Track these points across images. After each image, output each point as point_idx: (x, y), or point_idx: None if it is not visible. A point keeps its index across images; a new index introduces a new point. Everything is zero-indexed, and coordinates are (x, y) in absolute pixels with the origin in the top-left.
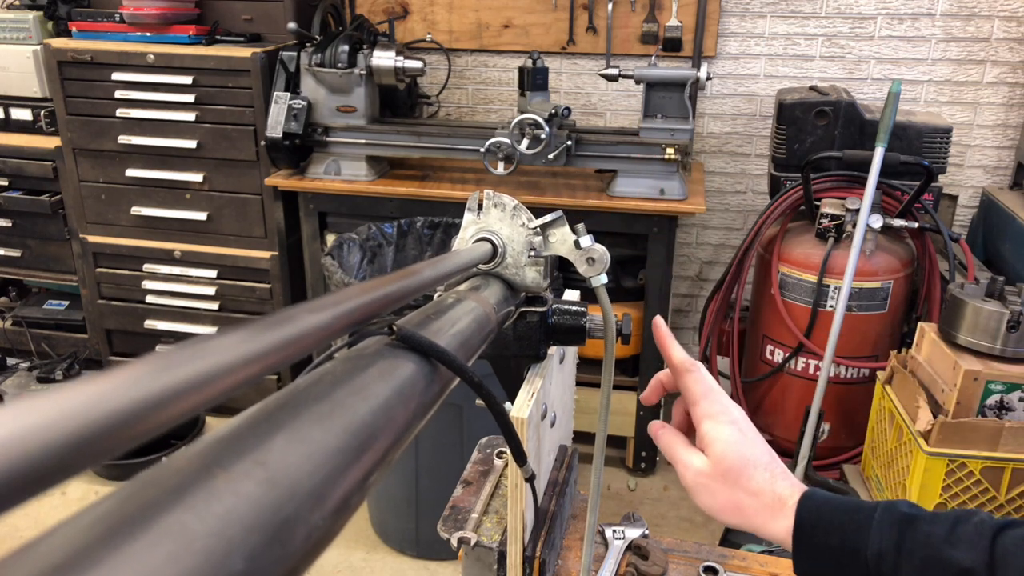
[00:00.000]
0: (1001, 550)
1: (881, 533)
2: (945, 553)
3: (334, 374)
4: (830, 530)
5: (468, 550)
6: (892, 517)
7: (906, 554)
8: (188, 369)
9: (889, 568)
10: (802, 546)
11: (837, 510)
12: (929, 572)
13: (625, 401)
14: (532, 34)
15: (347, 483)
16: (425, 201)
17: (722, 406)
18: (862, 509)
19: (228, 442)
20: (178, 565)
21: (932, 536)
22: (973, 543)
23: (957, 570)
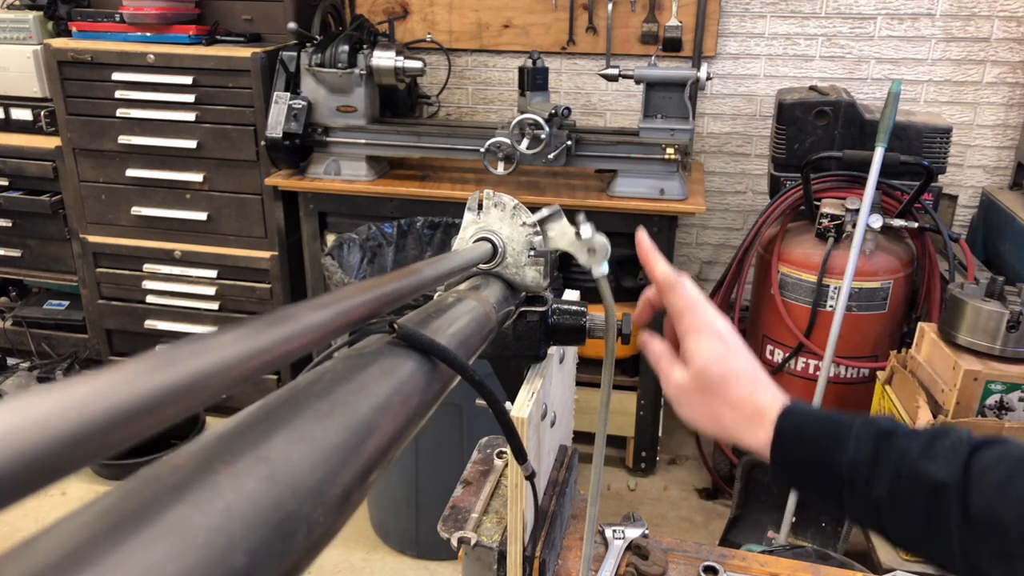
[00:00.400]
0: (977, 467)
1: (857, 446)
2: (920, 467)
3: (335, 372)
4: (807, 443)
5: (468, 550)
6: (869, 431)
7: (880, 467)
8: (187, 367)
9: (862, 480)
10: (779, 459)
11: (816, 424)
12: (902, 485)
13: (625, 401)
14: (532, 34)
15: (348, 480)
16: (425, 201)
17: (706, 320)
18: (841, 423)
19: (229, 439)
20: (180, 560)
21: (908, 451)
22: (948, 459)
23: (930, 484)
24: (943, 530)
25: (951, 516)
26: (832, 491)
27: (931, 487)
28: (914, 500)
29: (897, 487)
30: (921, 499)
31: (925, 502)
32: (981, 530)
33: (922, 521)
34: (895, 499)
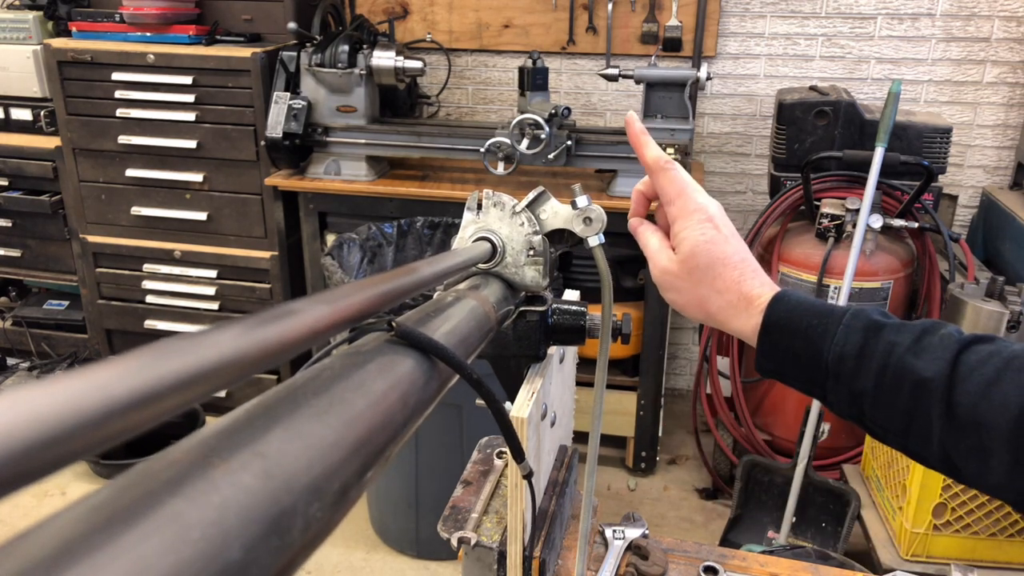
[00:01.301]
0: (964, 365)
1: (846, 337)
2: (906, 361)
3: (333, 369)
4: (795, 332)
5: (468, 550)
6: (859, 323)
7: (866, 359)
8: (184, 361)
9: (848, 372)
10: (766, 347)
11: (805, 314)
12: (887, 379)
13: (625, 401)
14: (532, 34)
15: (345, 477)
16: (425, 201)
17: (696, 204)
18: (831, 314)
19: (226, 434)
20: (175, 554)
21: (896, 344)
22: (936, 354)
23: (916, 379)
24: (924, 425)
25: (933, 412)
26: (816, 382)
27: (916, 382)
28: (898, 394)
29: (882, 381)
30: (905, 394)
31: (909, 397)
32: (962, 427)
33: (904, 415)
34: (879, 393)
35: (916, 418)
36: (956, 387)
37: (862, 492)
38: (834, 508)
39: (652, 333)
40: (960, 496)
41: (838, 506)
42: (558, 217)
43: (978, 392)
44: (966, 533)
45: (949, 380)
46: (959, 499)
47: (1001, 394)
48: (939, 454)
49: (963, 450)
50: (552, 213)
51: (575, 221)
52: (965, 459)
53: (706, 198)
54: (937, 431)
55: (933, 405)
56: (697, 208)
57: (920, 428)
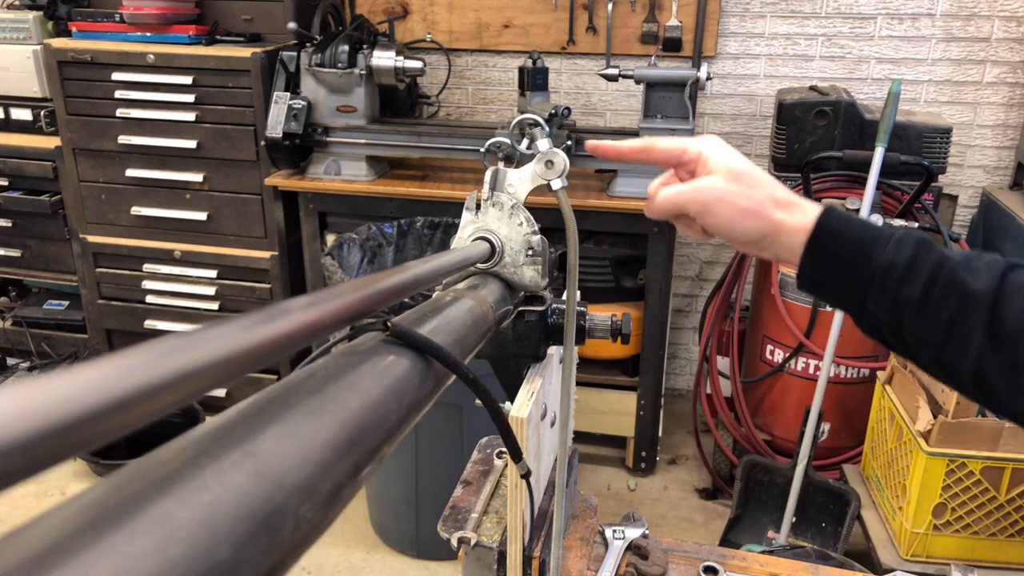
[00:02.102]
0: (1011, 282)
1: (898, 248)
2: (957, 274)
3: (327, 369)
4: (847, 239)
5: (468, 550)
6: (911, 238)
7: (916, 270)
8: (180, 359)
9: (895, 280)
10: (816, 250)
11: (857, 225)
12: (935, 289)
13: (625, 401)
14: (532, 34)
15: (337, 476)
16: (425, 201)
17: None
18: (883, 229)
19: (218, 434)
20: (163, 553)
21: (946, 258)
22: (984, 272)
23: (963, 291)
24: (964, 337)
25: (976, 324)
26: (858, 289)
27: (964, 293)
28: (944, 305)
29: (930, 290)
30: (951, 304)
31: (955, 308)
32: (1003, 340)
33: (946, 326)
34: (924, 301)
35: (958, 329)
36: (1002, 302)
37: (862, 492)
38: (834, 508)
39: (652, 333)
40: (960, 496)
41: (838, 506)
42: (524, 180)
43: (1021, 309)
44: (966, 533)
45: (996, 294)
46: (959, 499)
47: None
48: (973, 368)
49: (998, 364)
50: (518, 180)
51: (538, 168)
52: (999, 374)
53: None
54: (976, 344)
55: (978, 317)
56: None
57: (959, 340)
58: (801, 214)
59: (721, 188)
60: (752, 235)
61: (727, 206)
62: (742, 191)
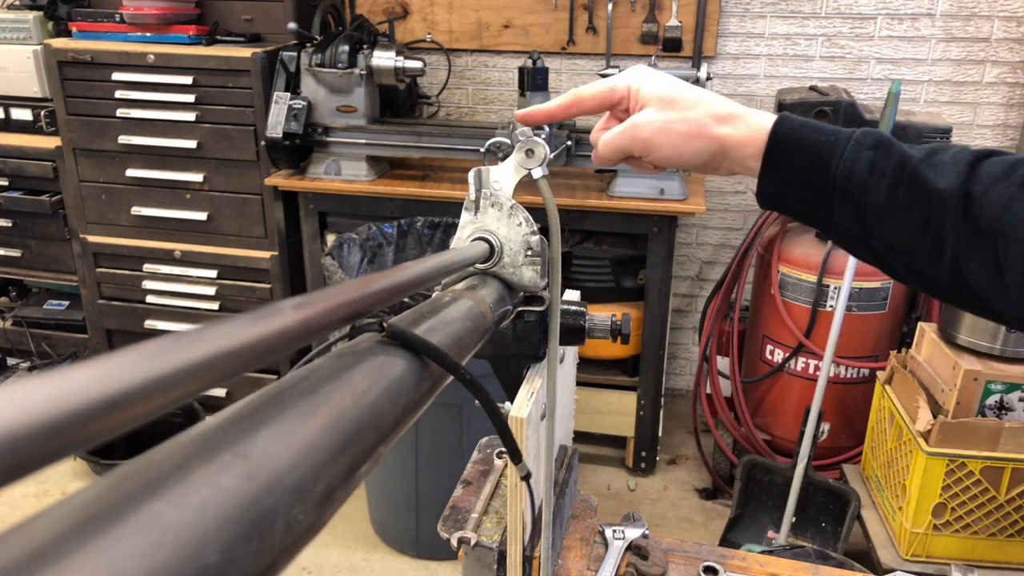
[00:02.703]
0: (983, 176)
1: (856, 153)
2: (920, 172)
3: (322, 370)
4: (802, 149)
5: (468, 550)
6: (869, 139)
7: (878, 173)
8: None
9: (857, 187)
10: (772, 164)
11: (812, 131)
12: (899, 192)
13: (625, 401)
14: (532, 34)
15: (330, 478)
16: (425, 201)
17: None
18: (838, 132)
19: (210, 436)
20: (151, 556)
21: (907, 157)
22: (950, 168)
23: (930, 189)
24: (938, 236)
25: (947, 223)
26: (821, 201)
27: (930, 193)
28: (912, 206)
29: (894, 193)
30: (919, 205)
31: (923, 207)
32: (980, 237)
33: (916, 229)
34: (891, 205)
35: (928, 232)
36: (975, 198)
37: (862, 492)
38: (834, 508)
39: (652, 333)
40: (960, 496)
41: (838, 506)
42: (508, 173)
43: (1001, 203)
44: (966, 533)
45: (966, 191)
46: (959, 499)
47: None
48: (949, 268)
49: (977, 263)
50: (501, 175)
51: (519, 158)
52: (978, 272)
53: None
54: (951, 243)
55: (947, 216)
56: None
57: (931, 244)
58: (745, 125)
59: (656, 119)
60: (700, 156)
61: (667, 135)
62: (678, 116)
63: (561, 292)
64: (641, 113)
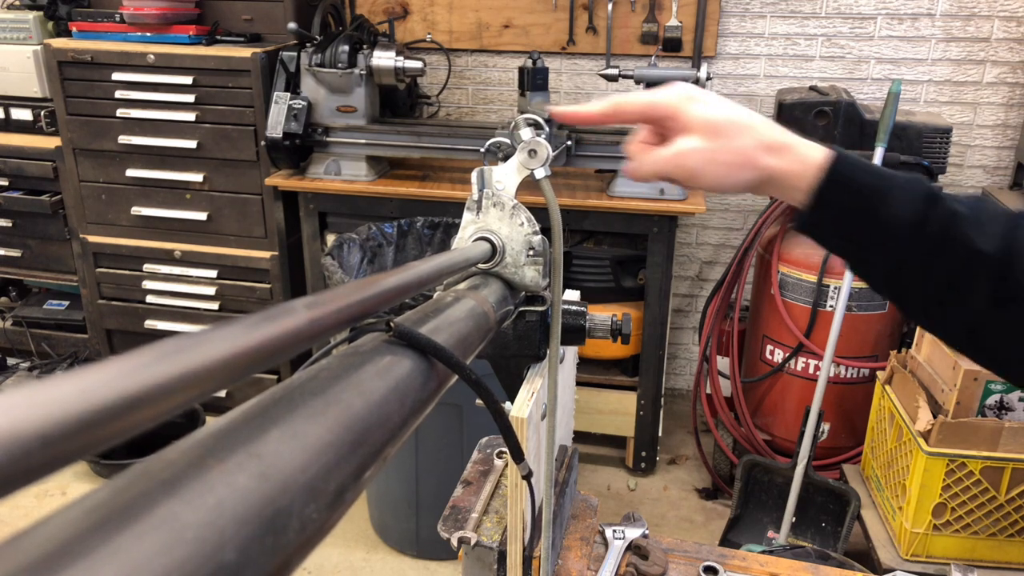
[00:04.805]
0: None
1: (904, 202)
2: (965, 232)
3: (330, 370)
4: (855, 192)
5: (468, 550)
6: (920, 191)
7: (925, 229)
8: (183, 361)
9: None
10: (818, 201)
11: (867, 174)
12: (942, 249)
13: (625, 401)
14: (532, 34)
15: (341, 477)
16: (425, 201)
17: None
18: (891, 178)
19: (223, 435)
20: (169, 555)
21: (955, 215)
22: (991, 227)
23: (970, 250)
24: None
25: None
26: (863, 242)
27: (970, 252)
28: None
29: (936, 250)
30: (957, 263)
31: (960, 265)
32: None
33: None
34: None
35: (959, 286)
36: (1013, 263)
37: (862, 492)
38: (834, 508)
39: (652, 333)
40: (960, 496)
41: (838, 506)
42: (511, 174)
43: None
44: (966, 533)
45: (1005, 254)
46: (959, 499)
47: None
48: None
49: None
50: (504, 175)
51: (522, 158)
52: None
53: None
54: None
55: (983, 277)
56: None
57: (958, 295)
58: (795, 157)
59: (703, 149)
60: (744, 186)
61: (712, 165)
62: (725, 145)
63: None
64: (686, 140)
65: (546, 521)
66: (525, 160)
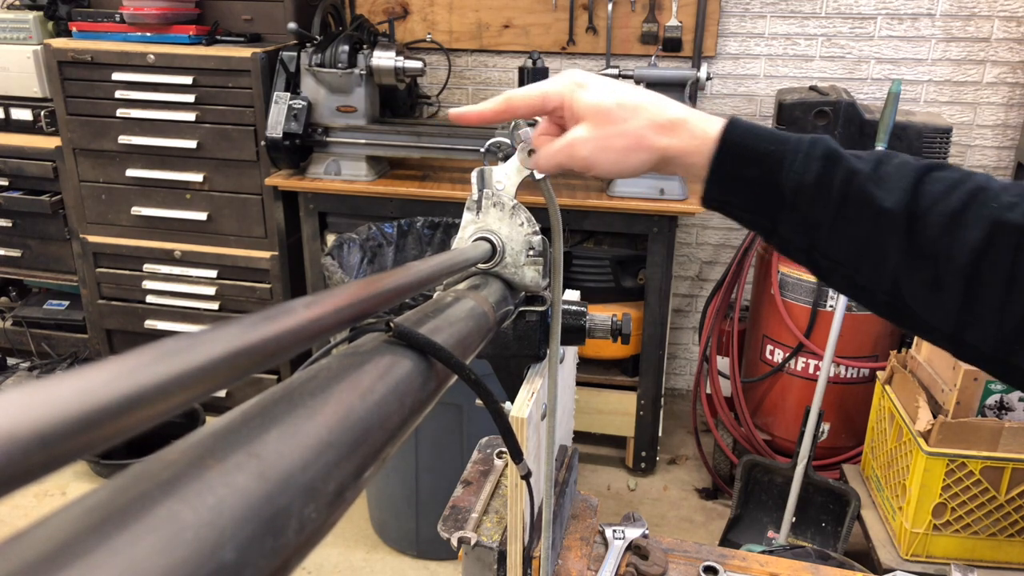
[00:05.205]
0: (925, 195)
1: (805, 165)
2: (867, 190)
3: (330, 370)
4: (752, 159)
5: (468, 550)
6: (817, 151)
7: (826, 188)
8: (183, 360)
9: (805, 201)
10: (717, 174)
11: (762, 139)
12: (848, 210)
13: (625, 401)
14: (532, 34)
15: (341, 477)
16: (425, 201)
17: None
18: (787, 141)
19: (222, 435)
20: (168, 555)
21: (856, 172)
22: (895, 183)
23: (876, 208)
24: (879, 256)
25: (890, 242)
26: (767, 212)
27: (876, 211)
28: (858, 223)
29: (841, 210)
30: (864, 223)
31: (867, 226)
32: (920, 258)
33: (860, 246)
34: (836, 222)
35: (871, 248)
36: (918, 218)
37: (862, 492)
38: (834, 508)
39: (652, 333)
40: (960, 496)
41: (838, 506)
42: (510, 173)
43: (940, 224)
44: (966, 533)
45: (910, 210)
46: (959, 499)
47: (963, 227)
48: (888, 287)
49: (916, 282)
50: (504, 175)
51: (522, 157)
52: (915, 292)
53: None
54: (892, 262)
55: (891, 235)
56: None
57: (874, 259)
58: (689, 133)
59: (593, 136)
60: (643, 167)
61: (605, 152)
62: (616, 130)
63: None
64: (577, 130)
65: (546, 521)
66: (525, 160)
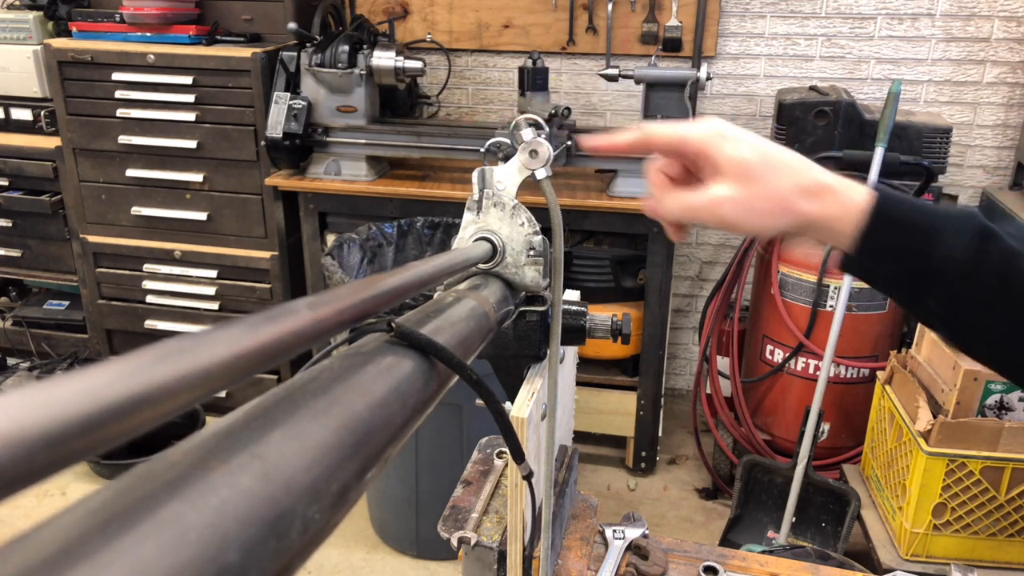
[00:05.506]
0: None
1: (957, 240)
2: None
3: (332, 370)
4: (905, 231)
5: (468, 550)
6: (971, 226)
7: (982, 268)
8: (184, 362)
9: (957, 277)
10: (866, 243)
11: (915, 211)
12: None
13: (625, 401)
14: (532, 34)
15: (343, 478)
16: (425, 201)
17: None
18: (937, 212)
19: (225, 436)
20: (173, 556)
21: (1011, 252)
22: None
23: None
24: None
25: None
26: (917, 282)
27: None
28: (1012, 304)
29: (996, 290)
30: (1020, 303)
31: None
32: None
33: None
34: (990, 301)
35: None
36: None
37: (862, 492)
38: (834, 508)
39: (652, 333)
40: (960, 496)
41: (838, 506)
42: (512, 174)
43: None
44: (966, 533)
45: None
46: (959, 499)
47: None
48: None
49: None
50: (505, 175)
51: (523, 158)
52: None
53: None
54: None
55: None
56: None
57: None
58: (835, 201)
59: (736, 197)
60: (781, 231)
61: (748, 213)
62: (760, 191)
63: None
64: (719, 188)
65: (546, 521)
66: (527, 160)
